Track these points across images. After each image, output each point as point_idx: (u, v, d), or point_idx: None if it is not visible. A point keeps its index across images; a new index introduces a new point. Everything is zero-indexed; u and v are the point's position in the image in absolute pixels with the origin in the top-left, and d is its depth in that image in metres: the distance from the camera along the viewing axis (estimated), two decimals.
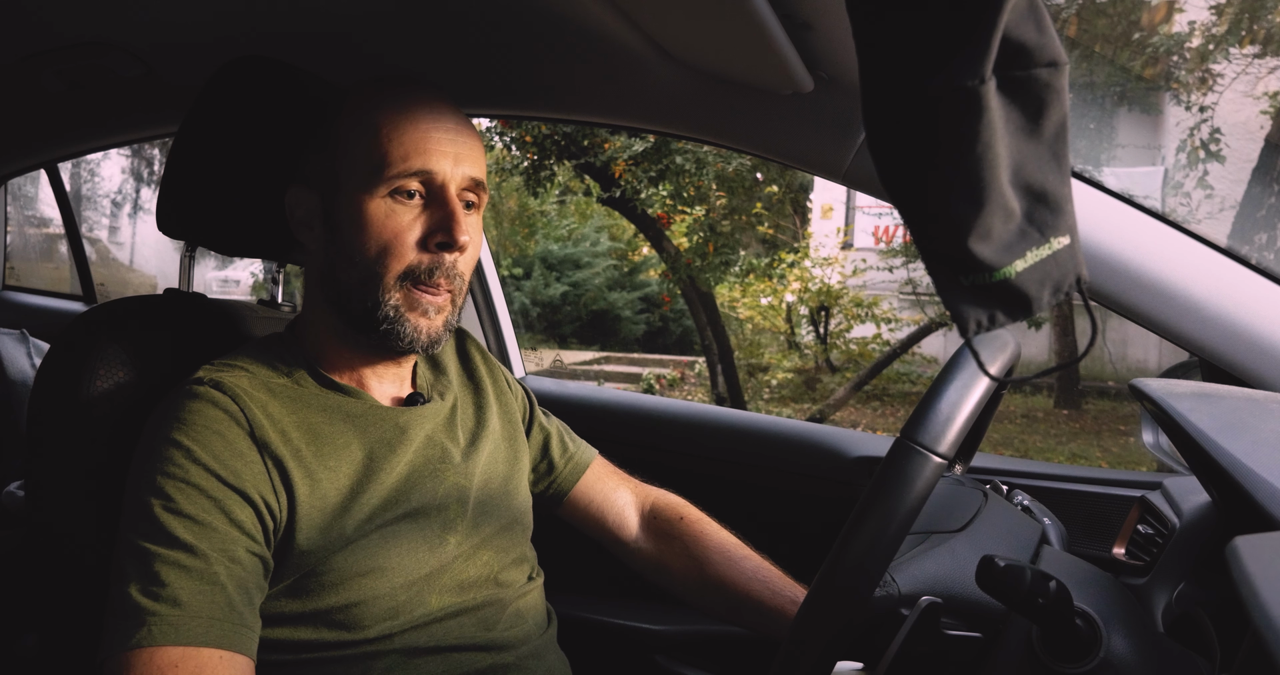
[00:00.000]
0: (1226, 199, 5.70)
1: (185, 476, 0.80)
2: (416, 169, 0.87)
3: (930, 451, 0.69)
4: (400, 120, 0.88)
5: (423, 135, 0.88)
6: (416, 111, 0.89)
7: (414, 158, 0.87)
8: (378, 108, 0.89)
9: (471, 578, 0.94)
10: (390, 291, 0.88)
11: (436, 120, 0.89)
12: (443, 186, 0.88)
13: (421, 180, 0.88)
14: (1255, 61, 5.33)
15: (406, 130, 0.87)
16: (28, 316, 2.38)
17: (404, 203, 0.88)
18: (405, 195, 0.88)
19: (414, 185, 0.88)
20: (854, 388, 6.82)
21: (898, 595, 0.82)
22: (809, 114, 1.12)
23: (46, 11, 1.22)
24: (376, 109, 0.89)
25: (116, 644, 0.74)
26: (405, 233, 0.88)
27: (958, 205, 0.48)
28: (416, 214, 0.88)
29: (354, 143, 0.89)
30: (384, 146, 0.87)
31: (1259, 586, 0.38)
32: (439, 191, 0.89)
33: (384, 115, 0.88)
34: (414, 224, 0.88)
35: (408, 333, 0.89)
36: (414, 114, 0.88)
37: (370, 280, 0.88)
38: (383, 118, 0.88)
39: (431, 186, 0.89)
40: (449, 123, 0.90)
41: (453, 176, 0.89)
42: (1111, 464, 5.57)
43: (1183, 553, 0.86)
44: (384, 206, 0.87)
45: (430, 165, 0.87)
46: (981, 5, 0.43)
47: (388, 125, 0.88)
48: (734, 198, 6.08)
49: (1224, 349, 0.97)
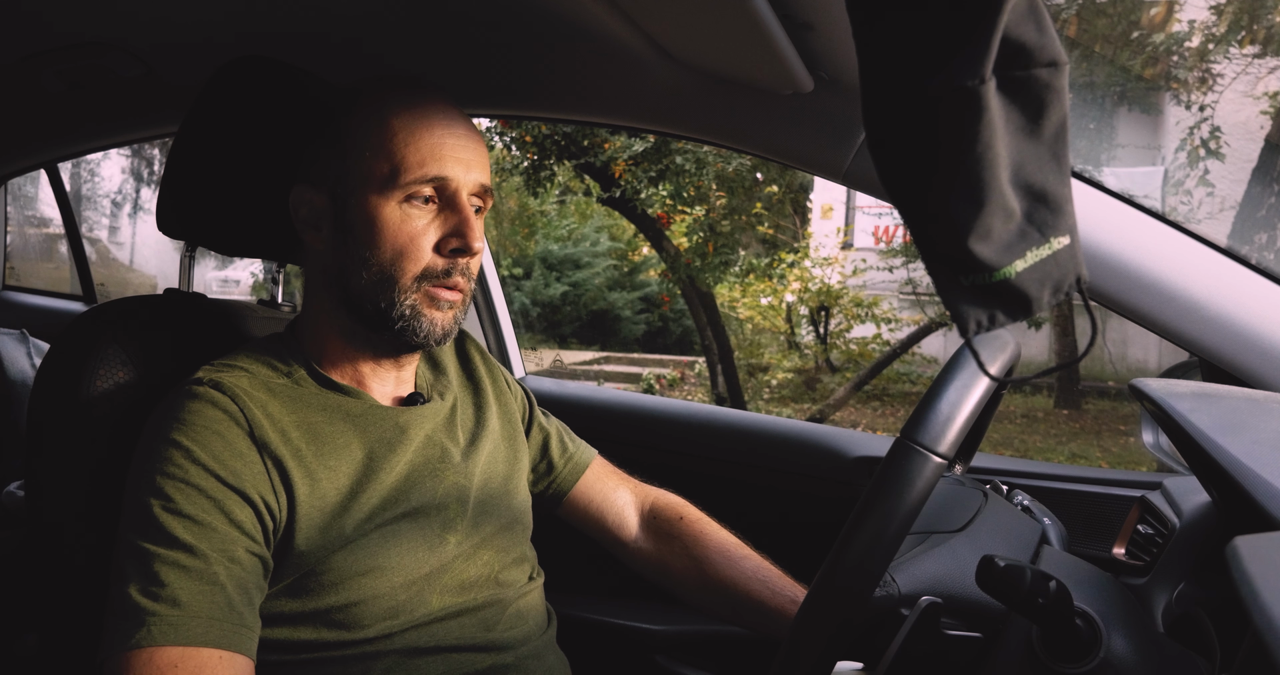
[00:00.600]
0: (1226, 199, 5.70)
1: (185, 477, 0.80)
2: (433, 175, 0.88)
3: (930, 451, 0.69)
4: (415, 126, 0.88)
5: (438, 141, 0.88)
6: (431, 117, 0.89)
7: (430, 164, 0.88)
8: (391, 112, 0.89)
9: (472, 578, 0.94)
10: (407, 293, 0.89)
11: (450, 127, 0.90)
12: (455, 192, 0.89)
13: (435, 186, 0.89)
14: (1255, 61, 5.33)
15: (422, 136, 0.88)
16: (28, 316, 2.38)
17: (419, 207, 0.89)
18: (420, 200, 0.89)
19: (428, 191, 0.88)
20: (854, 388, 6.82)
21: (898, 595, 0.82)
22: (809, 114, 1.12)
23: (46, 11, 1.22)
24: (390, 113, 0.89)
25: (116, 644, 0.74)
26: (420, 237, 0.88)
27: (958, 205, 0.48)
28: (430, 219, 0.89)
29: (366, 145, 0.89)
30: (400, 151, 0.87)
31: (1259, 586, 0.38)
32: (452, 197, 0.89)
33: (399, 119, 0.88)
34: (428, 229, 0.89)
35: (424, 328, 0.90)
36: (429, 120, 0.89)
37: (385, 282, 0.88)
38: (397, 121, 0.88)
39: (444, 192, 0.89)
40: (461, 129, 0.91)
41: (465, 182, 0.90)
42: (1111, 464, 5.57)
43: (1183, 553, 0.86)
44: (398, 211, 0.88)
45: (445, 172, 0.88)
46: (981, 5, 0.43)
47: (403, 131, 0.88)
48: (734, 198, 6.07)
49: (1224, 349, 0.97)
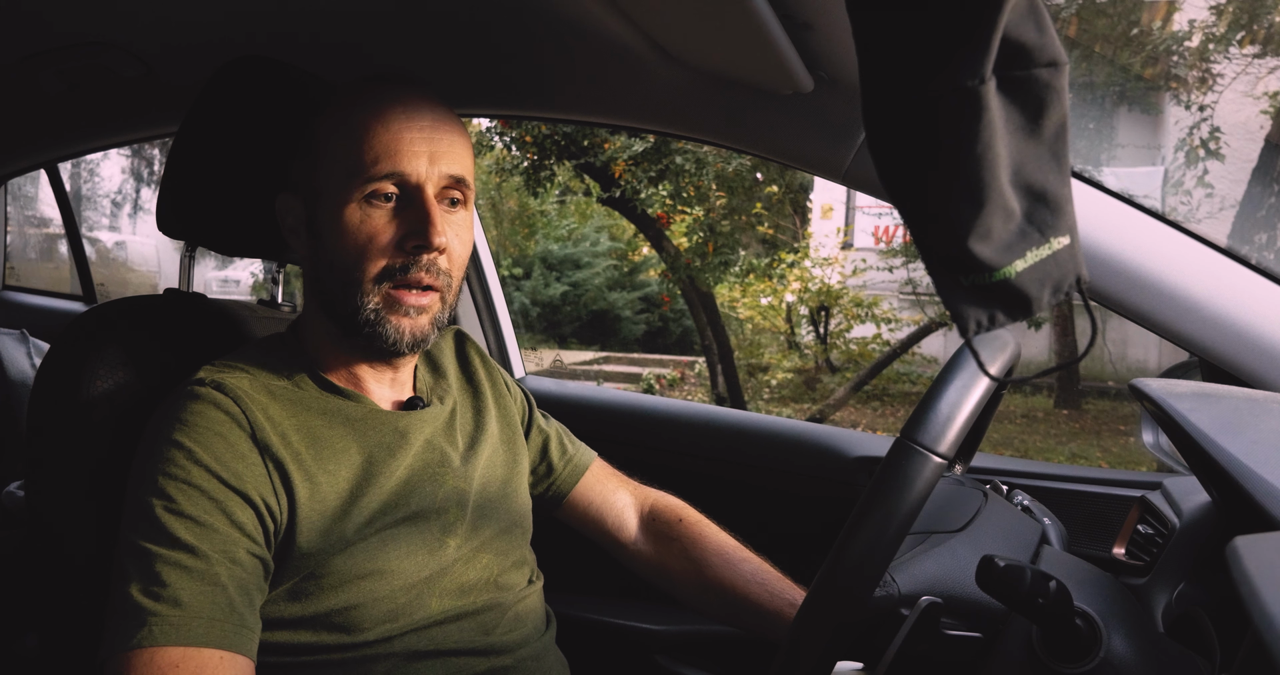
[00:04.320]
0: (1226, 198, 5.70)
1: (187, 477, 0.80)
2: (387, 172, 0.86)
3: (930, 451, 0.69)
4: (372, 123, 0.87)
5: (393, 136, 0.86)
6: (388, 112, 0.87)
7: (384, 160, 0.86)
8: (352, 112, 0.88)
9: (472, 581, 0.94)
10: (369, 295, 0.87)
11: (410, 119, 0.87)
12: (418, 187, 0.87)
13: (395, 182, 0.87)
14: (1255, 61, 5.32)
15: (377, 132, 0.86)
16: (28, 316, 2.38)
17: (379, 206, 0.87)
18: (381, 198, 0.87)
19: (388, 188, 0.87)
20: (854, 388, 6.82)
21: (898, 595, 0.82)
22: (809, 114, 1.12)
23: (46, 11, 1.22)
24: (351, 113, 0.88)
25: (117, 644, 0.74)
26: (379, 236, 0.87)
27: (958, 205, 0.48)
28: (389, 217, 0.87)
29: (332, 149, 0.88)
30: (358, 150, 0.86)
31: (1259, 586, 0.38)
32: (414, 192, 0.87)
33: (357, 118, 0.87)
34: (388, 227, 0.87)
35: (389, 334, 0.88)
36: (385, 115, 0.87)
37: (350, 285, 0.88)
38: (357, 121, 0.87)
39: (406, 188, 0.87)
40: (424, 121, 0.88)
41: (428, 176, 0.87)
42: (1111, 464, 5.57)
43: (1183, 553, 0.86)
44: (359, 212, 0.87)
45: (401, 167, 0.86)
46: (981, 5, 0.43)
47: (360, 128, 0.87)
48: (734, 198, 6.07)
49: (1224, 349, 0.97)
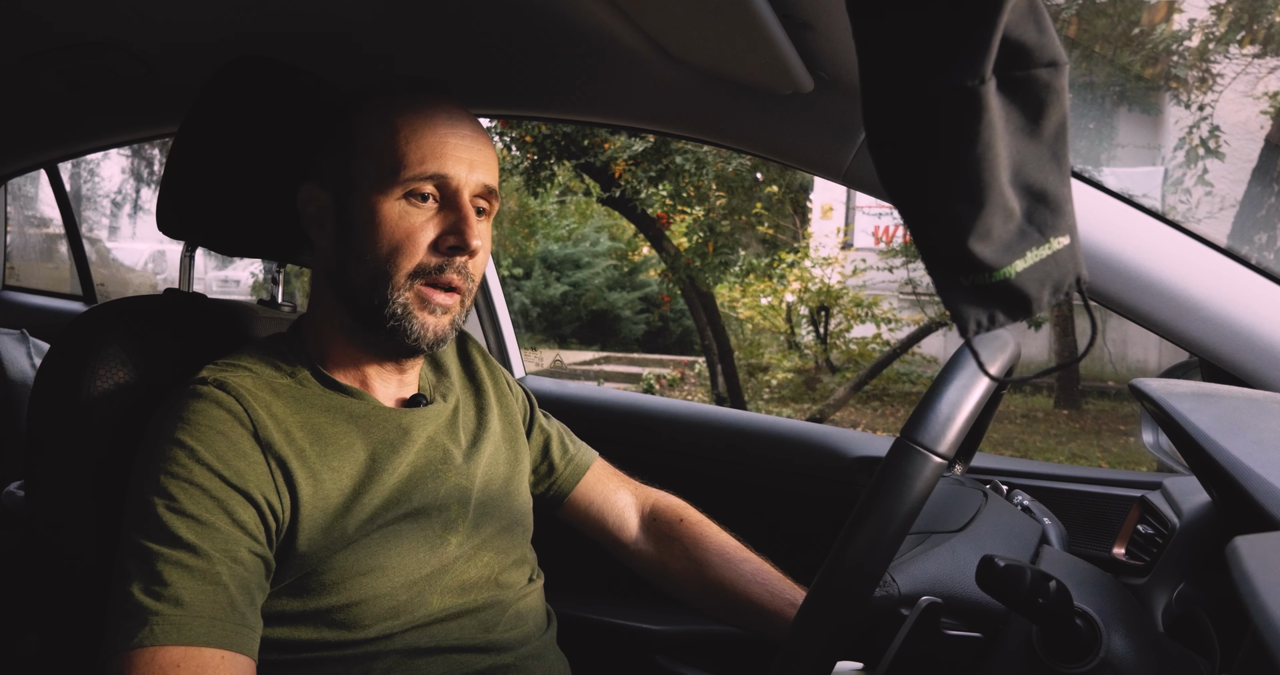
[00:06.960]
0: (1226, 198, 5.69)
1: (189, 476, 0.80)
2: (432, 173, 0.88)
3: (930, 451, 0.69)
4: (418, 124, 0.89)
5: (440, 140, 0.89)
6: (435, 116, 0.90)
7: (430, 161, 0.88)
8: (396, 111, 0.90)
9: (473, 579, 0.94)
10: (400, 290, 0.89)
11: (454, 126, 0.90)
12: (457, 191, 0.90)
13: (436, 184, 0.89)
14: (1255, 61, 5.32)
15: (424, 134, 0.89)
16: (28, 316, 2.38)
17: (418, 205, 0.89)
18: (419, 198, 0.89)
19: (428, 188, 0.89)
20: (854, 388, 6.82)
21: (898, 595, 0.82)
22: (809, 114, 1.12)
23: (46, 11, 1.22)
24: (395, 112, 0.90)
25: (119, 643, 0.74)
26: (418, 233, 0.89)
27: (958, 205, 0.48)
28: (429, 216, 0.89)
29: (371, 144, 0.90)
30: (401, 149, 0.88)
31: (1259, 586, 0.38)
32: (453, 196, 0.90)
33: (403, 118, 0.89)
34: (427, 225, 0.89)
35: (415, 330, 0.90)
36: (432, 119, 0.90)
37: (380, 278, 0.89)
38: (401, 121, 0.89)
39: (446, 191, 0.90)
40: (465, 130, 0.91)
41: (467, 182, 0.90)
42: (1111, 464, 5.57)
43: (1183, 553, 0.86)
44: (398, 207, 0.89)
45: (446, 170, 0.89)
46: (981, 5, 0.43)
47: (406, 128, 0.89)
48: (734, 198, 6.07)
49: (1224, 349, 0.97)
